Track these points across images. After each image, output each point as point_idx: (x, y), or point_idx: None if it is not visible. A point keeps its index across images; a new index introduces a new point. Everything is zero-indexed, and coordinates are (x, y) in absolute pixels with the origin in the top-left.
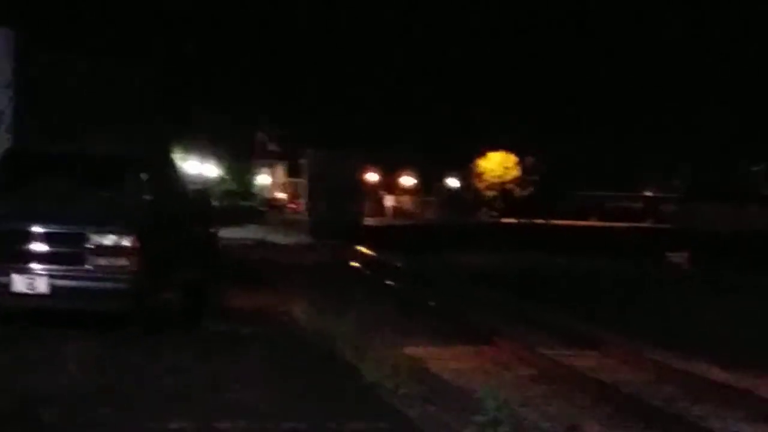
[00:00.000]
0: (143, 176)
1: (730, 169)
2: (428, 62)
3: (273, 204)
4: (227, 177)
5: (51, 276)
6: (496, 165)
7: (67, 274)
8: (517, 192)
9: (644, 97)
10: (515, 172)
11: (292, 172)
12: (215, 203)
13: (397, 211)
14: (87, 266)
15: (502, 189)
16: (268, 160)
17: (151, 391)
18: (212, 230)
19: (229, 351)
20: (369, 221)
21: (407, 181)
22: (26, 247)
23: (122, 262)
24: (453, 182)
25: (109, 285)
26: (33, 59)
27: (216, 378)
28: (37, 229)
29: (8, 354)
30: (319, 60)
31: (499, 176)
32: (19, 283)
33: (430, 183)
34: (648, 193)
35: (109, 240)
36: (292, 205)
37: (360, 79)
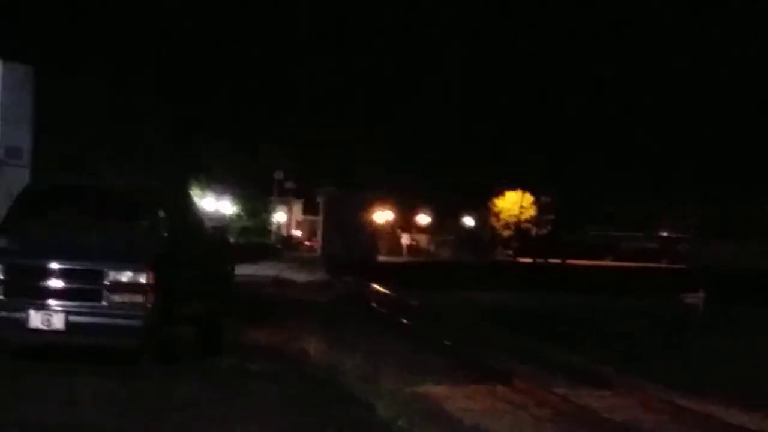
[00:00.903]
0: (160, 212)
1: (744, 208)
2: (444, 101)
3: (289, 241)
4: (243, 214)
5: (67, 312)
6: (512, 204)
7: (83, 310)
8: (533, 231)
9: (659, 136)
10: (531, 212)
11: (309, 209)
12: (232, 240)
13: (413, 249)
14: (103, 302)
15: (518, 228)
16: (285, 197)
17: (163, 427)
18: (228, 267)
19: (241, 387)
20: (385, 259)
21: (423, 219)
22: (43, 283)
23: (138, 298)
24: (469, 221)
25: (124, 321)
26: (50, 94)
27: (227, 413)
28: (53, 265)
29: (19, 387)
30: (333, 99)
31: (515, 215)
32: (35, 319)
33: (446, 221)
34: (663, 233)
35: (125, 276)
36: (308, 243)
37: (373, 117)
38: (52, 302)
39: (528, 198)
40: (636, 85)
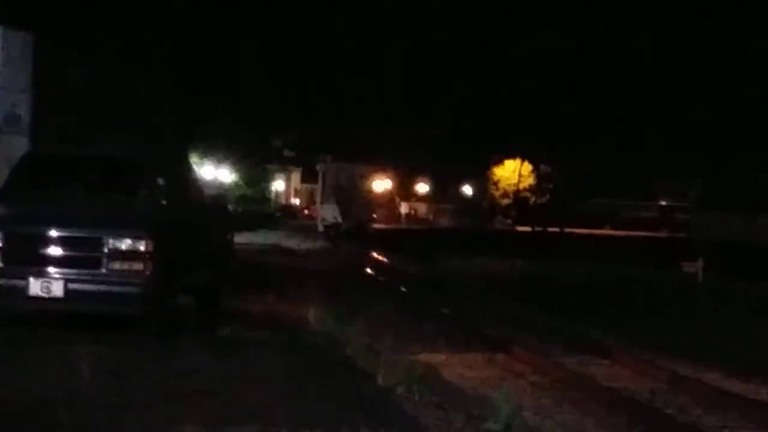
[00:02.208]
0: (159, 180)
1: (744, 178)
2: (442, 69)
3: (288, 209)
4: (242, 182)
5: (66, 279)
6: (511, 173)
7: (82, 277)
8: (532, 200)
9: (660, 105)
10: (530, 180)
11: (307, 177)
12: (231, 208)
13: (412, 217)
14: (102, 270)
15: (517, 197)
16: (284, 165)
17: (163, 395)
18: (228, 235)
19: (241, 355)
20: (383, 227)
21: (422, 188)
22: (42, 250)
23: (137, 266)
24: (468, 190)
25: (123, 289)
26: (52, 63)
27: (229, 382)
28: (53, 232)
29: (23, 357)
30: (331, 68)
31: (514, 184)
32: (35, 286)
33: (445, 190)
34: (663, 202)
35: (124, 244)
36: (307, 211)
37: (371, 86)
38: (51, 270)
39: (527, 167)
40: (637, 52)
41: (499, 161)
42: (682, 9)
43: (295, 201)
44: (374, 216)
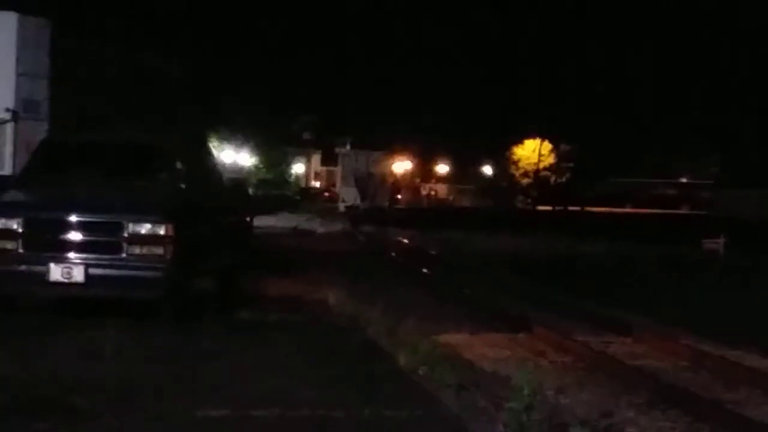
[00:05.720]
0: (178, 165)
1: (764, 155)
2: (465, 52)
3: (308, 192)
4: (262, 166)
5: (87, 265)
6: (531, 152)
7: (103, 262)
8: (552, 179)
9: (680, 83)
10: (550, 159)
11: (327, 160)
12: (251, 192)
13: (433, 198)
14: (122, 255)
15: (537, 176)
16: (304, 149)
17: (186, 379)
18: (247, 219)
19: (262, 338)
20: (405, 208)
21: (442, 169)
22: (62, 236)
23: (157, 250)
24: (488, 170)
25: (143, 273)
26: (69, 49)
27: (250, 365)
28: (73, 218)
29: (43, 342)
30: (352, 50)
31: (534, 163)
32: (55, 272)
33: (465, 171)
34: (683, 180)
35: (144, 229)
36: (327, 193)
37: (390, 68)
38: (72, 255)
39: (546, 146)
40: (657, 31)
41: (519, 141)
42: None
43: (315, 184)
44: (399, 197)
